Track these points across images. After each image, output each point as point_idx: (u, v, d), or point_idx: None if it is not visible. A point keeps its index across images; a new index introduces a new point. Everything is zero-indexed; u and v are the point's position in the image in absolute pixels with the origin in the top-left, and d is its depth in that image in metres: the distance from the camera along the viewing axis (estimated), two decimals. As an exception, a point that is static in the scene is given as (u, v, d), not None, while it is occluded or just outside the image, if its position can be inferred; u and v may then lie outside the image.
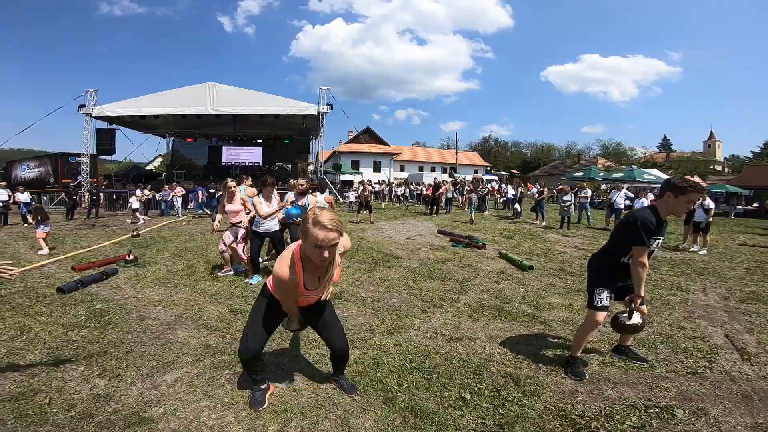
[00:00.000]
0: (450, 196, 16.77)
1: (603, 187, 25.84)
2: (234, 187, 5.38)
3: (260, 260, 5.60)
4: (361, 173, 32.57)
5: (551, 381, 2.73)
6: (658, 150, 63.66)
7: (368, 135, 36.76)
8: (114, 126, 18.86)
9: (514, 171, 54.19)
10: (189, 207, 16.21)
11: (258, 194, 5.46)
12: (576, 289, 5.11)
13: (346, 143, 41.22)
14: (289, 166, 25.27)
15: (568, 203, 11.92)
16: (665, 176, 15.34)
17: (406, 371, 2.84)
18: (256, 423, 2.19)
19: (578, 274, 5.85)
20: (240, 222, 5.43)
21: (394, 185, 24.98)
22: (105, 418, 2.19)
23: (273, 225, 5.22)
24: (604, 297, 2.71)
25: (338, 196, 21.09)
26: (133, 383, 2.58)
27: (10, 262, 1.90)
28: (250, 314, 2.36)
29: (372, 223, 12.31)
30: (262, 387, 2.41)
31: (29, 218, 7.31)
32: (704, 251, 7.93)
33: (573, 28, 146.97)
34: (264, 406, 2.32)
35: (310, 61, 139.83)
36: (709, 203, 8.35)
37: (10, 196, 12.06)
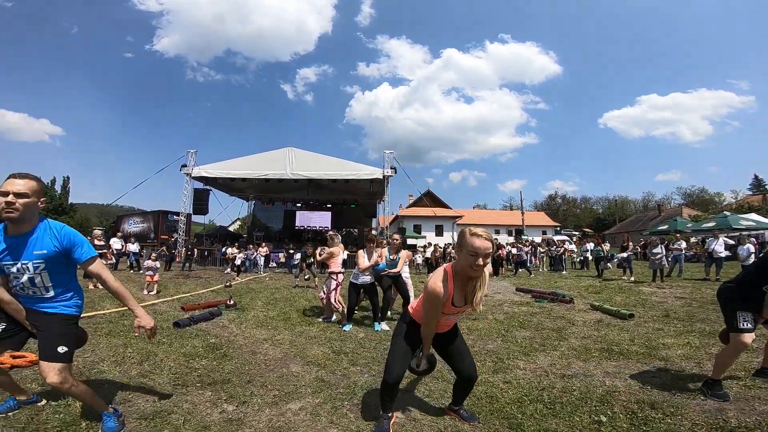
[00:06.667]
0: (525, 258, 15.95)
1: (693, 239, 23.12)
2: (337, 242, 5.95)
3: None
4: (424, 237, 32.64)
5: (691, 403, 2.69)
6: (751, 192, 53.23)
7: (430, 198, 37.35)
8: (208, 187, 20.88)
9: (587, 229, 50.62)
10: (270, 266, 17.19)
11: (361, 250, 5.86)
12: (689, 330, 4.79)
13: (407, 207, 42.08)
14: (356, 230, 26.14)
15: (659, 256, 10.98)
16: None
17: (524, 403, 2.77)
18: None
19: (686, 319, 5.45)
20: (336, 274, 5.75)
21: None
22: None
23: (368, 278, 5.50)
24: (748, 318, 2.77)
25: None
26: (260, 410, 2.63)
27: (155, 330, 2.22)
28: (393, 340, 2.43)
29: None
30: (389, 414, 2.42)
31: (144, 263, 8.47)
32: None
33: (622, 69, 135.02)
34: None
35: (364, 127, 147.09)
36: None
37: (122, 246, 13.86)
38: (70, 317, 2.12)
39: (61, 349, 2.01)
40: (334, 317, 5.83)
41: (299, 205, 26.65)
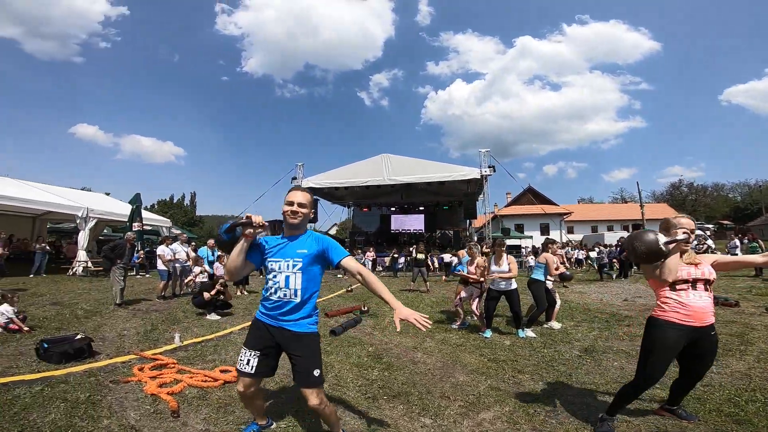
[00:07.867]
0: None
1: None
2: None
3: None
4: (530, 237, 30.90)
5: None
6: None
7: (531, 195, 35.13)
8: (315, 197, 22.50)
9: (725, 221, 42.89)
10: (377, 269, 18.03)
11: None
12: None
13: (506, 206, 40.22)
14: (451, 232, 25.88)
15: None
16: None
17: (739, 403, 2.77)
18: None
19: None
20: (479, 282, 5.74)
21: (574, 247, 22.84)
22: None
23: (506, 285, 5.29)
24: None
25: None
26: (456, 421, 2.72)
27: (426, 316, 2.07)
28: (652, 347, 2.40)
29: (565, 286, 11.26)
30: (615, 418, 2.53)
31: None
32: None
33: (739, 39, 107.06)
34: None
35: (442, 126, 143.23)
36: None
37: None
38: (314, 336, 2.27)
39: (316, 372, 2.15)
40: (467, 323, 5.86)
41: (393, 209, 27.36)
